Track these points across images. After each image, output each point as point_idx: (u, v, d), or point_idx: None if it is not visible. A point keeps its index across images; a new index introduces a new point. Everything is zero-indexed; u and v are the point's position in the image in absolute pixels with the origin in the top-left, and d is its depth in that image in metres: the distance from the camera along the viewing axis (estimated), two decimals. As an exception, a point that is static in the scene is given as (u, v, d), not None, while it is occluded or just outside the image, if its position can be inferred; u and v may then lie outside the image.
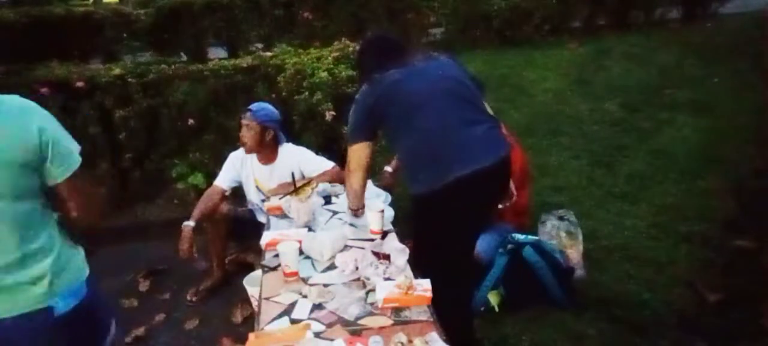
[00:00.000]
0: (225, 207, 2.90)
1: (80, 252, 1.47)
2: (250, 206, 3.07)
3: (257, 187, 2.93)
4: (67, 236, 1.43)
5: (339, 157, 3.02)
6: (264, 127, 2.79)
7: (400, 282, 1.73)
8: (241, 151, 2.91)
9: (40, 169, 1.31)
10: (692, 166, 3.94)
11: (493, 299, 2.59)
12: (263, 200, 2.93)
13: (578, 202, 3.56)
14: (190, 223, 2.66)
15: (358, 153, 2.09)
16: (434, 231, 2.01)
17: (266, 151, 2.86)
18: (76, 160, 1.37)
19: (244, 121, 2.79)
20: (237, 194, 3.07)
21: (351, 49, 3.84)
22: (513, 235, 2.65)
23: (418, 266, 1.94)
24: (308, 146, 3.08)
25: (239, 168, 2.93)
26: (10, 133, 1.27)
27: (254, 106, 2.83)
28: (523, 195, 2.82)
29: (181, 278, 3.15)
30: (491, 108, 2.17)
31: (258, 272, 2.35)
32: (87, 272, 1.46)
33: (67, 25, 6.86)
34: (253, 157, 2.90)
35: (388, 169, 3.06)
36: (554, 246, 2.74)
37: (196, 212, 2.72)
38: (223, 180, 2.91)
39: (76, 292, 1.40)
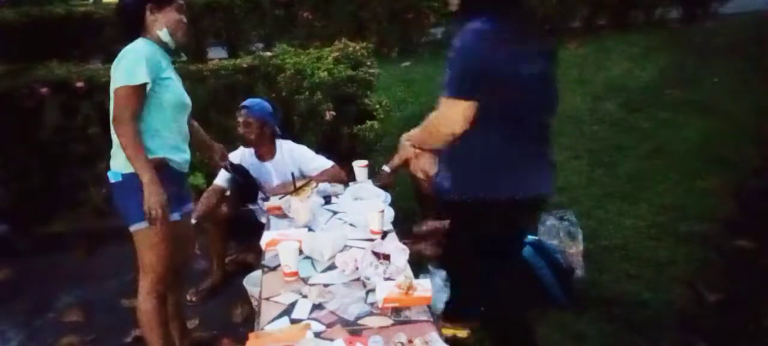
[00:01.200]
0: (225, 208, 2.90)
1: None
2: (250, 206, 3.08)
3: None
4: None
5: (339, 157, 3.02)
6: (262, 123, 2.83)
7: (400, 282, 1.73)
8: (239, 150, 2.92)
9: None
10: (692, 166, 3.94)
11: (493, 299, 2.58)
12: (263, 199, 2.93)
13: (578, 202, 3.56)
14: (192, 222, 2.66)
15: (457, 111, 1.67)
16: (488, 242, 1.86)
17: (265, 147, 2.88)
18: (115, 83, 1.95)
19: (240, 119, 2.81)
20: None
21: (351, 49, 3.84)
22: (513, 235, 2.64)
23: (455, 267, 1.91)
24: (308, 146, 3.08)
25: (239, 161, 2.93)
26: (116, 64, 1.98)
27: (248, 102, 2.87)
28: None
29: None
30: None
31: (258, 272, 2.35)
32: (127, 170, 1.97)
33: (67, 25, 6.86)
34: (252, 155, 2.91)
35: (386, 168, 3.06)
36: (554, 246, 2.74)
37: (197, 211, 2.73)
38: (223, 179, 2.92)
39: (114, 175, 2.03)
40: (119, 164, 2.01)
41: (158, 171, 1.97)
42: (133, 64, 1.93)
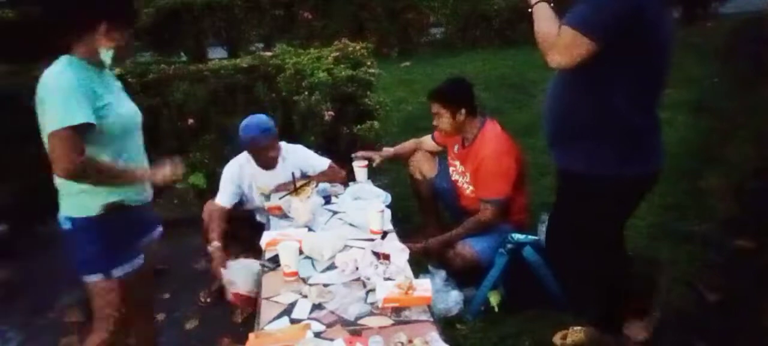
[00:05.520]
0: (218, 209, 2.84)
1: (86, 197, 1.71)
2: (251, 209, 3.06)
3: (262, 193, 2.91)
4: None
5: (339, 157, 3.02)
6: (278, 138, 2.77)
7: (400, 282, 1.73)
8: (236, 160, 2.84)
9: None
10: (692, 166, 3.94)
11: (493, 299, 2.59)
12: (263, 195, 2.91)
13: (578, 202, 3.55)
14: (217, 243, 2.56)
15: (574, 44, 1.62)
16: (602, 220, 1.87)
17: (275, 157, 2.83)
18: (52, 126, 1.57)
19: (269, 142, 2.69)
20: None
21: (351, 49, 3.85)
22: (513, 235, 2.65)
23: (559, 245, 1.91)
24: (308, 147, 3.08)
25: (239, 177, 2.83)
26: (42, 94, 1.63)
27: (265, 124, 2.71)
28: (522, 192, 2.83)
29: (181, 278, 3.15)
30: (491, 108, 2.16)
31: (239, 261, 2.34)
32: (78, 214, 1.71)
33: (67, 25, 6.84)
34: (252, 163, 2.81)
35: (389, 149, 3.05)
36: (554, 246, 2.74)
37: (217, 232, 2.62)
38: (224, 198, 2.79)
39: (63, 220, 1.74)
40: (68, 207, 1.73)
41: (112, 218, 1.71)
42: (66, 100, 1.57)
